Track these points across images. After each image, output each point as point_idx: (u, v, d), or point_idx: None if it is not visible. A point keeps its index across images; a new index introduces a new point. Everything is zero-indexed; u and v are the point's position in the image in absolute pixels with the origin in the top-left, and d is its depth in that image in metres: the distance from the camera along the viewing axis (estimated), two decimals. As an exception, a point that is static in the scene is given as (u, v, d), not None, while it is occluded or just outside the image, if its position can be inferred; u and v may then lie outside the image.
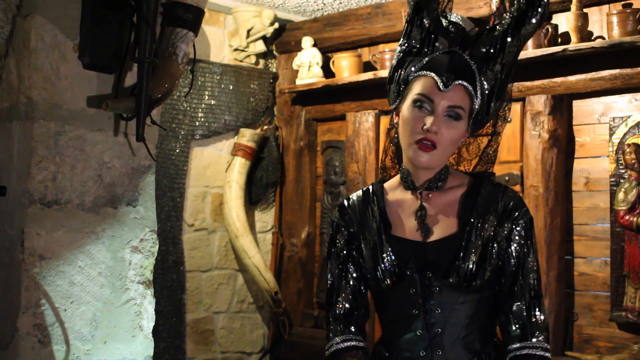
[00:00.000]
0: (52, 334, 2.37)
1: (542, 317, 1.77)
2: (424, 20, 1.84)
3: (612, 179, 3.30)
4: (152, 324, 2.62)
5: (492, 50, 1.80)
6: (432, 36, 1.83)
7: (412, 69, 1.81)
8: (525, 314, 1.77)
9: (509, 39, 1.79)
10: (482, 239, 1.78)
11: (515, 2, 1.79)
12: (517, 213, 1.80)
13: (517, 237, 1.80)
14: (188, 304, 4.25)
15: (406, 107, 1.80)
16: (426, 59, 1.81)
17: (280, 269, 4.61)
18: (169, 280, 4.10)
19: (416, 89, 1.78)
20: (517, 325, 1.77)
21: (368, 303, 1.92)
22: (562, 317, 3.42)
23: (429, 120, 1.74)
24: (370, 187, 1.94)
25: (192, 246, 4.29)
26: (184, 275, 4.21)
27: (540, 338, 1.76)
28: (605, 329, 3.34)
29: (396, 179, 1.91)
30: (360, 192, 1.94)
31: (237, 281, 4.51)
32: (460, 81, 1.75)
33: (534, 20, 1.78)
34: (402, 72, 1.83)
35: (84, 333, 2.44)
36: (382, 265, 1.81)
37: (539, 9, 1.78)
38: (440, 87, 1.74)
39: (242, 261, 4.39)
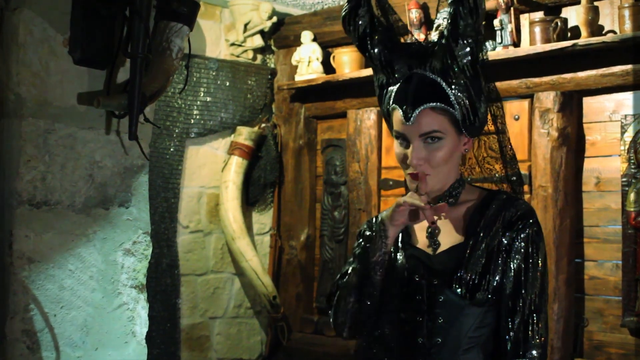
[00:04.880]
0: (42, 340, 2.37)
1: (539, 334, 1.78)
2: (373, 54, 1.91)
3: (624, 179, 3.30)
4: (146, 329, 2.62)
5: (445, 60, 1.84)
6: (389, 69, 1.89)
7: (388, 101, 1.89)
8: (521, 330, 1.78)
9: (454, 45, 1.83)
10: (487, 251, 1.81)
11: (449, 7, 1.85)
12: (521, 224, 1.82)
13: (518, 249, 1.82)
14: (183, 309, 4.25)
15: (394, 140, 1.88)
16: (394, 89, 1.87)
17: (278, 272, 4.61)
18: (162, 284, 4.10)
19: (394, 122, 1.86)
20: (511, 342, 1.79)
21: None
22: (571, 323, 3.42)
23: (409, 155, 1.81)
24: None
25: (187, 249, 4.29)
26: (179, 279, 4.21)
27: (533, 355, 1.77)
28: (617, 334, 3.34)
29: None
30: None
31: (234, 285, 4.51)
32: (422, 107, 1.80)
33: (468, 20, 1.81)
34: (383, 105, 1.92)
35: (74, 339, 2.44)
36: (395, 269, 1.87)
37: (465, 9, 1.81)
38: (404, 122, 1.80)
39: (239, 264, 4.39)
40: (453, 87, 1.82)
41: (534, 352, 1.77)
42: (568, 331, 3.40)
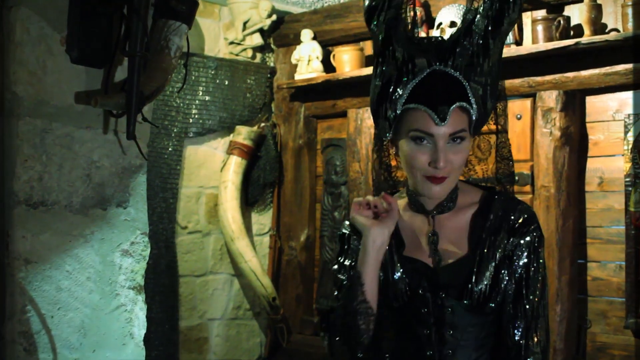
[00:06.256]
0: (39, 342, 2.37)
1: (540, 340, 1.78)
2: (397, 52, 1.81)
3: (627, 179, 3.30)
4: (144, 331, 2.62)
5: (476, 57, 1.78)
6: (409, 64, 1.79)
7: (399, 100, 1.79)
8: (523, 337, 1.78)
9: (491, 42, 1.78)
10: (494, 260, 1.80)
11: (489, 2, 1.78)
12: (525, 229, 1.81)
13: (521, 254, 1.80)
14: (181, 311, 4.25)
15: (405, 143, 1.78)
16: (410, 87, 1.77)
17: (278, 273, 4.61)
18: (161, 285, 4.10)
19: (411, 123, 1.76)
20: (513, 349, 1.78)
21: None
22: (574, 324, 3.42)
23: (434, 158, 1.73)
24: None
25: (186, 249, 4.29)
26: (177, 280, 4.21)
27: None
28: (620, 336, 3.34)
29: (404, 195, 1.92)
30: None
31: (233, 286, 4.51)
32: (454, 105, 1.73)
33: (510, 19, 1.79)
34: (388, 106, 1.81)
35: (71, 341, 2.44)
36: (394, 284, 1.83)
37: (515, 6, 1.78)
38: (437, 122, 1.72)
39: (238, 265, 4.39)
40: (473, 85, 1.78)
41: (535, 359, 1.77)
42: (571, 333, 3.40)
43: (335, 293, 1.92)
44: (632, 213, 3.25)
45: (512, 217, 1.82)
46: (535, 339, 1.78)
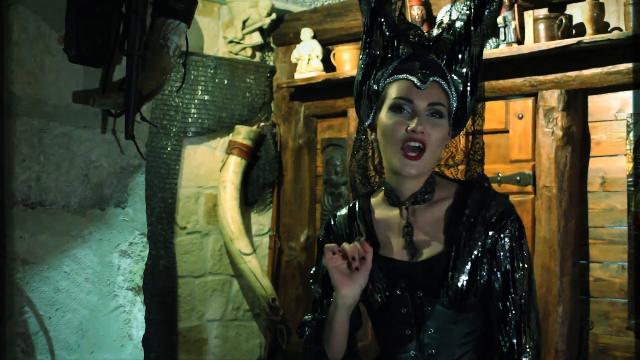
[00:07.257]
0: (36, 343, 2.37)
1: (531, 334, 1.77)
2: (384, 27, 1.87)
3: (630, 179, 3.30)
4: (142, 332, 2.62)
5: (457, 46, 1.83)
6: (395, 42, 1.86)
7: (381, 78, 1.85)
8: (514, 333, 1.77)
9: (472, 30, 1.83)
10: (471, 255, 1.78)
11: None
12: (504, 222, 1.80)
13: (503, 250, 1.79)
14: (180, 312, 4.25)
15: (384, 115, 1.81)
16: (394, 64, 1.84)
17: (278, 274, 4.61)
18: (160, 286, 4.10)
19: (391, 94, 1.81)
20: (505, 346, 1.77)
21: (358, 319, 1.93)
22: (576, 325, 3.42)
23: (413, 122, 1.76)
24: (357, 202, 1.96)
25: (185, 250, 4.29)
26: (176, 281, 4.21)
27: (529, 357, 1.76)
28: (623, 338, 3.34)
29: (381, 193, 1.93)
30: (346, 209, 1.97)
31: (232, 287, 4.51)
32: (435, 77, 1.80)
33: (493, 7, 1.83)
34: (371, 84, 1.87)
35: (69, 342, 2.44)
36: (372, 285, 1.83)
37: None
38: (418, 84, 1.78)
39: (238, 266, 4.39)
40: (454, 75, 1.83)
41: (528, 355, 1.76)
42: (573, 334, 3.40)
43: (311, 305, 1.97)
44: (635, 213, 3.25)
45: (488, 212, 1.81)
46: (527, 335, 1.76)
